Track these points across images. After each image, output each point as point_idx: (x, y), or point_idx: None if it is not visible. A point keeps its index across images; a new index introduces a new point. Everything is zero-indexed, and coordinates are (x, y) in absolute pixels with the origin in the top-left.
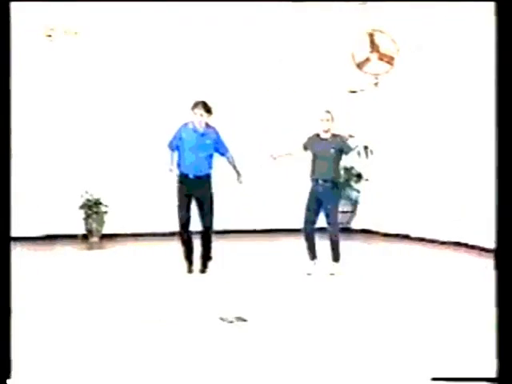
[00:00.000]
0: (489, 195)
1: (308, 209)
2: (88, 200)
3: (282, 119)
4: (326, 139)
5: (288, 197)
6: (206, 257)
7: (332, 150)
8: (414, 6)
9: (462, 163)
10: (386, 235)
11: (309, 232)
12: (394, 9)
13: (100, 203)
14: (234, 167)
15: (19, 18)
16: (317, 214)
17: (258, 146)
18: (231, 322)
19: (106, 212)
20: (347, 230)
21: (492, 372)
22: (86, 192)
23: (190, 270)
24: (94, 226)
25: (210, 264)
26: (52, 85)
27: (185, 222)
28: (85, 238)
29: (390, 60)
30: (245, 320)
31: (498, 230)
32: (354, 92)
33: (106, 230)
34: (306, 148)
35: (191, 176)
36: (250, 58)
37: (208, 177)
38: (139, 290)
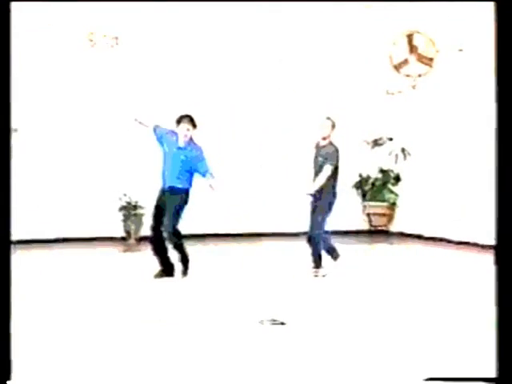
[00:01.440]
0: None
1: (310, 217)
2: (127, 202)
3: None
4: (321, 147)
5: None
6: (181, 261)
7: (320, 159)
8: (453, 5)
9: None
10: (424, 238)
11: (308, 238)
12: (432, 9)
13: (138, 206)
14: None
15: (61, 23)
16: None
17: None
18: (271, 324)
19: (143, 214)
20: (385, 233)
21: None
22: (125, 194)
23: (157, 274)
24: (132, 228)
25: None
26: (91, 88)
27: (152, 233)
28: (123, 239)
29: (428, 61)
30: (283, 323)
31: (498, 228)
32: (391, 94)
33: (143, 232)
34: None
35: (165, 187)
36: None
37: (180, 192)
38: (170, 293)
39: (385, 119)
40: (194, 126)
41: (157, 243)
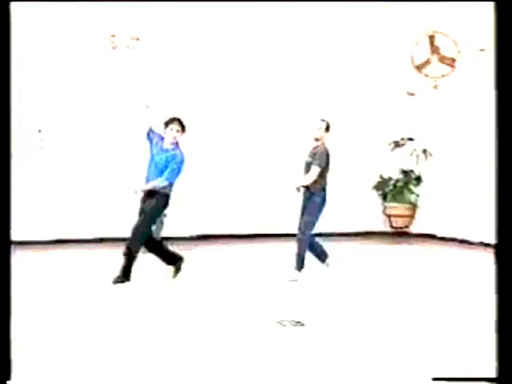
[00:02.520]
0: None
1: (299, 218)
2: None
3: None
4: (314, 148)
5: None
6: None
7: (309, 159)
8: (475, 5)
9: None
10: (444, 239)
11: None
12: (454, 9)
13: None
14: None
15: (82, 25)
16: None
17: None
18: (290, 326)
19: (165, 215)
20: (406, 234)
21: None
22: None
23: (174, 273)
24: (154, 229)
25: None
26: (112, 89)
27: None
28: None
29: (451, 62)
30: (302, 324)
31: (499, 226)
32: (412, 94)
33: (165, 234)
34: None
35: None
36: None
37: (159, 195)
38: (188, 295)
39: (406, 120)
40: (183, 129)
41: (151, 246)
